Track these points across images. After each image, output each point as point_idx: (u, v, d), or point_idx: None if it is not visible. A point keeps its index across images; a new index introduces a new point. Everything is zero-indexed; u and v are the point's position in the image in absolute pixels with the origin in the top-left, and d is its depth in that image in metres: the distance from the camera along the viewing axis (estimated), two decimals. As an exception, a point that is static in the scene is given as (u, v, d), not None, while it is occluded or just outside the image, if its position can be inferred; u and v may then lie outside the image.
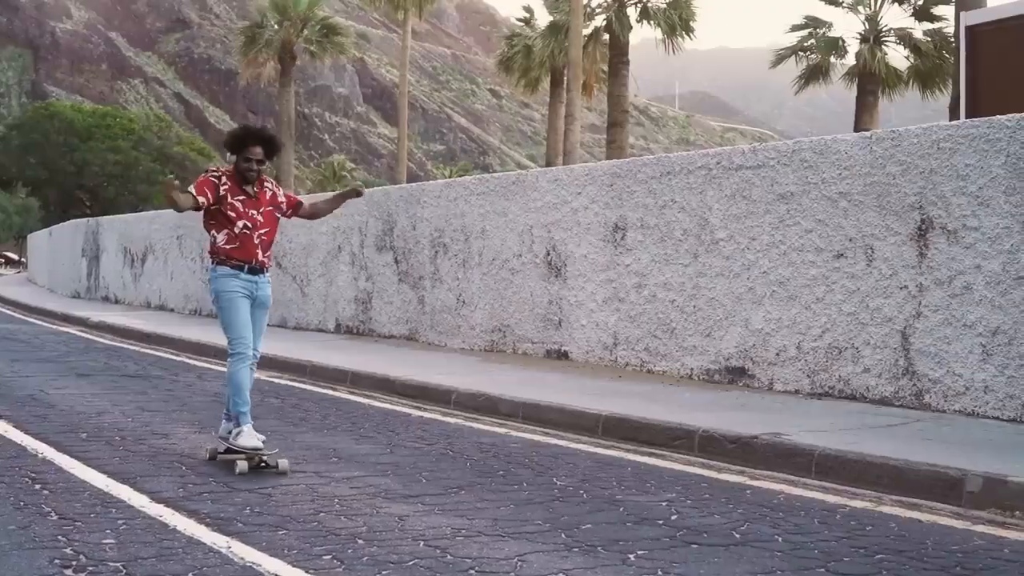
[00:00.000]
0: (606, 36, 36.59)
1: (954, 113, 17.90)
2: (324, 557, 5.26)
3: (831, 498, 6.88)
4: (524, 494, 6.83)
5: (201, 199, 7.70)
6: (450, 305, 15.55)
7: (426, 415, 10.40)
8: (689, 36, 36.74)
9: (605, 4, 36.59)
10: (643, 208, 12.33)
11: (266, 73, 45.47)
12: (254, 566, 5.08)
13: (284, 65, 44.35)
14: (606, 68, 37.21)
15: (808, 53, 34.58)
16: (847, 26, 45.65)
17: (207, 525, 5.85)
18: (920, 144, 9.53)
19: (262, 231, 7.93)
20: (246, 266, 7.83)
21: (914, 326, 9.54)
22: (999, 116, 9.09)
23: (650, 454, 8.38)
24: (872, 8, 33.70)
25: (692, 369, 11.68)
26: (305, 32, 44.40)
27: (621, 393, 10.61)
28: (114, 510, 6.13)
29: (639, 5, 36.43)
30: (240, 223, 7.80)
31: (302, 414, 10.34)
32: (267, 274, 8.03)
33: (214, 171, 7.93)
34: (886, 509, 6.58)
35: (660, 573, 5.06)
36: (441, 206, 15.81)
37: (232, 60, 63.59)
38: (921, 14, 32.24)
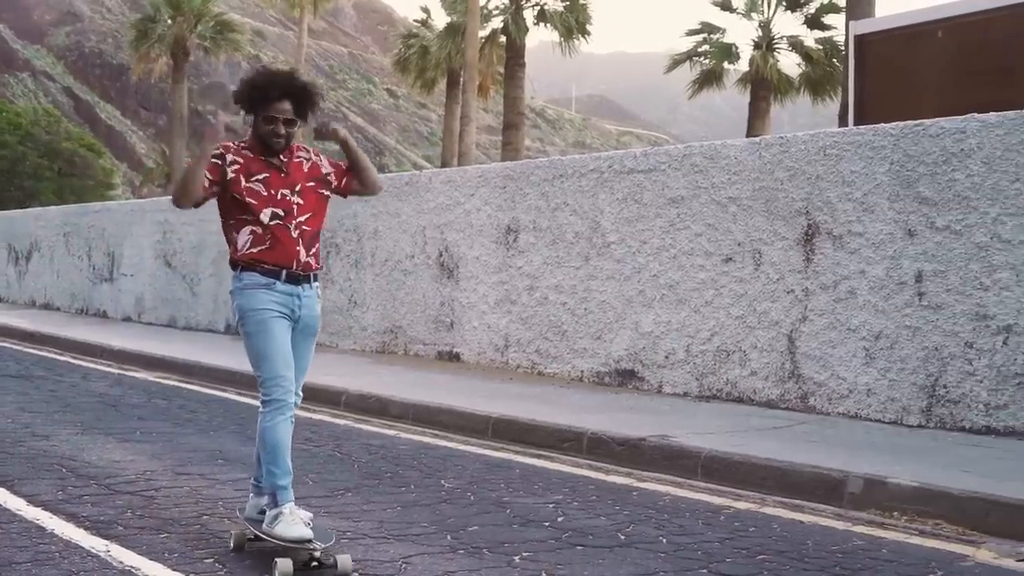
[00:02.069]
0: (503, 38, 36.65)
1: (843, 120, 18.19)
2: (206, 560, 5.19)
3: (716, 499, 6.95)
4: (411, 496, 6.81)
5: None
6: (341, 306, 15.44)
7: (315, 416, 10.31)
8: (585, 39, 36.93)
9: (502, 6, 36.66)
10: (535, 210, 12.36)
11: (158, 69, 44.76)
12: (133, 570, 4.99)
13: (177, 61, 43.68)
14: (503, 70, 37.28)
15: (702, 58, 34.93)
16: (741, 32, 46.27)
17: (86, 528, 5.74)
18: (807, 150, 9.68)
19: (302, 218, 5.64)
20: (284, 272, 5.55)
21: (800, 330, 9.68)
22: (884, 124, 9.26)
23: (539, 456, 8.39)
24: (765, 15, 34.16)
25: (583, 371, 11.73)
26: (199, 28, 43.75)
27: (511, 395, 10.62)
28: (-11, 514, 5.99)
29: (536, 7, 36.55)
30: (267, 211, 5.54)
31: (189, 415, 10.20)
32: (316, 284, 5.71)
33: (216, 149, 5.60)
34: (769, 510, 6.67)
35: (544, 575, 5.07)
36: (333, 206, 15.66)
37: (124, 55, 62.51)
38: (812, 22, 32.74)
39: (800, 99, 34.24)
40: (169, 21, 43.41)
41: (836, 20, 31.55)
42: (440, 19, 42.26)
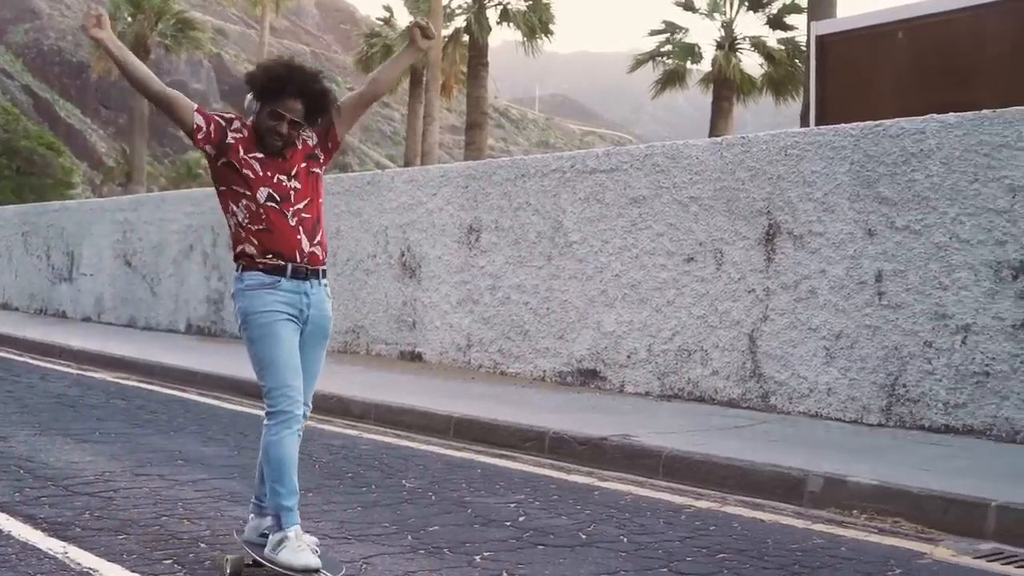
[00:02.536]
0: (466, 37, 36.66)
1: (805, 121, 18.27)
2: (164, 562, 5.14)
3: (678, 499, 6.96)
4: (372, 496, 6.78)
5: (198, 119, 5.01)
6: (304, 305, 15.36)
7: (277, 417, 10.24)
8: (548, 39, 36.99)
9: (465, 5, 36.66)
10: (498, 210, 12.36)
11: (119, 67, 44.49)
12: (91, 572, 4.95)
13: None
14: (466, 69, 37.28)
15: (665, 58, 35.01)
16: (704, 32, 46.28)
17: (43, 530, 5.67)
18: (768, 150, 9.72)
19: (300, 204, 5.09)
20: (289, 267, 5.03)
21: (761, 329, 9.72)
22: (845, 124, 9.31)
23: (501, 456, 8.39)
24: (727, 15, 34.28)
25: (545, 371, 11.73)
26: (160, 26, 43.47)
27: (473, 395, 10.61)
28: (-56, 516, 5.93)
29: (499, 7, 36.57)
30: (263, 191, 4.99)
31: (149, 416, 10.13)
32: (323, 280, 5.23)
33: (229, 114, 5.22)
34: (730, 509, 6.69)
35: (505, 574, 5.06)
36: (296, 205, 15.60)
37: (84, 53, 62.00)
38: (775, 22, 32.89)
39: (763, 99, 34.38)
40: (129, 19, 43.10)
41: (798, 20, 31.70)
42: (403, 18, 42.24)
